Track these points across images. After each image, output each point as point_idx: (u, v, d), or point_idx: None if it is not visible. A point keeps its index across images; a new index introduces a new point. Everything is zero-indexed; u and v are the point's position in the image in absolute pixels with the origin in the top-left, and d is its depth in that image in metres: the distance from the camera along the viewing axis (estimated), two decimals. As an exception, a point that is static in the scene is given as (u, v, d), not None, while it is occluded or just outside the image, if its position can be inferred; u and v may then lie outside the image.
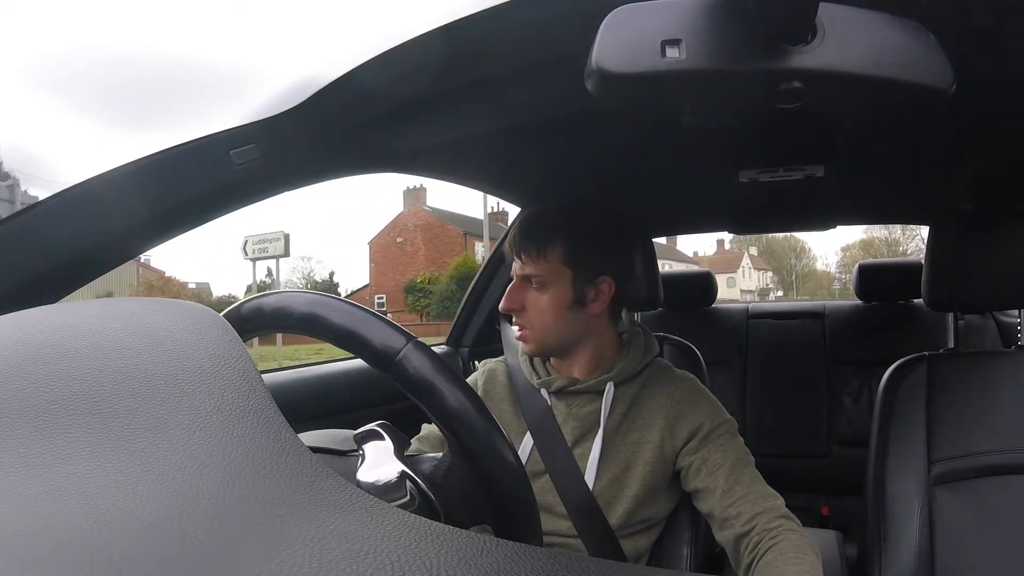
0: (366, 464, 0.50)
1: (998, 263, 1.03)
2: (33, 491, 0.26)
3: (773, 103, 0.43)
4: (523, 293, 0.96)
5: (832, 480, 2.03)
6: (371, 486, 0.49)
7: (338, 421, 0.69)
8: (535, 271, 0.95)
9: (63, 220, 0.66)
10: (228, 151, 0.70)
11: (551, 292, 0.95)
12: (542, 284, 0.95)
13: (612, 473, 0.94)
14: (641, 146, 1.12)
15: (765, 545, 0.82)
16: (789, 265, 27.68)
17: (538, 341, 0.97)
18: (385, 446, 0.52)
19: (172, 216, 0.72)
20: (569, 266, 0.95)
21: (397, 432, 0.53)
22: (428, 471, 0.51)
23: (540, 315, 0.95)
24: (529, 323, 0.96)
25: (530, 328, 0.96)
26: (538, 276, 0.95)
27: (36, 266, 0.65)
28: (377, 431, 0.53)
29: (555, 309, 0.95)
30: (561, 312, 0.95)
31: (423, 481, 0.50)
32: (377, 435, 0.52)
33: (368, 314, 0.50)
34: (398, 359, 0.48)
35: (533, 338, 0.97)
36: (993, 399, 1.01)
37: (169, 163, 0.69)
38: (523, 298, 0.96)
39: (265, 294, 0.54)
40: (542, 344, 0.97)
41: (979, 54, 0.62)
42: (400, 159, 1.02)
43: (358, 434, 0.53)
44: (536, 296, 0.95)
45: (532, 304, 0.95)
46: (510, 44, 0.65)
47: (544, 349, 0.99)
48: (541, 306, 0.95)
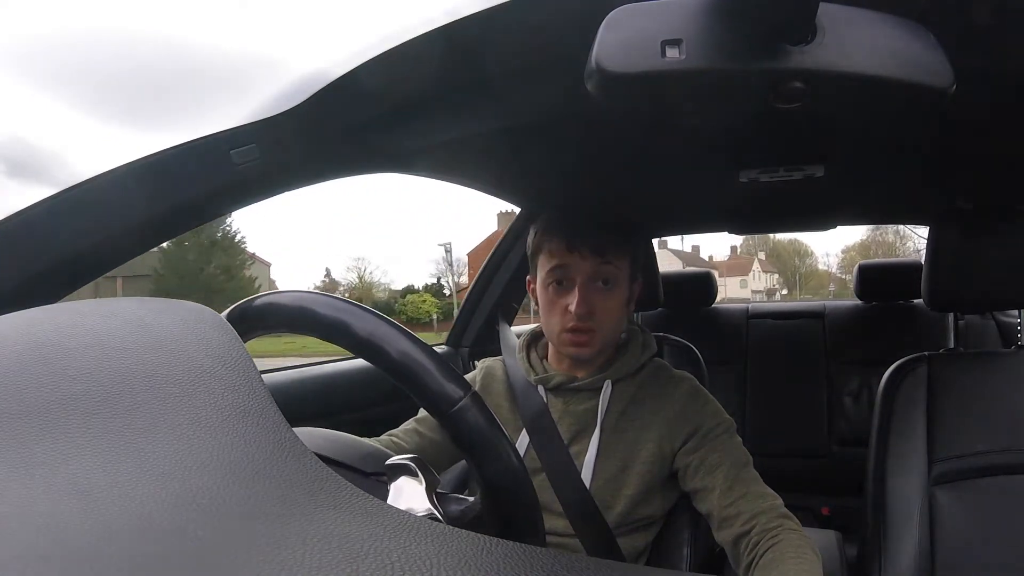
0: (395, 498, 0.49)
1: (998, 263, 1.03)
2: (33, 491, 0.26)
3: (773, 103, 0.43)
4: (592, 295, 0.92)
5: (832, 480, 2.03)
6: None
7: (339, 421, 0.69)
8: (611, 270, 0.93)
9: (63, 220, 0.66)
10: (228, 151, 0.70)
11: (619, 291, 0.95)
12: (614, 283, 0.94)
13: (609, 471, 0.93)
14: (641, 146, 1.12)
15: (764, 545, 0.82)
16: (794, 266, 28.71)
17: (602, 343, 0.94)
18: (416, 484, 0.50)
19: (172, 215, 0.72)
20: (631, 265, 0.96)
21: (430, 470, 0.52)
22: (456, 514, 0.50)
23: (610, 316, 0.93)
24: (597, 326, 0.93)
25: (598, 331, 0.93)
26: (613, 274, 0.93)
27: (36, 266, 0.65)
28: (410, 466, 0.51)
29: (621, 308, 0.95)
30: (622, 312, 0.96)
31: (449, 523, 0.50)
32: (410, 470, 0.51)
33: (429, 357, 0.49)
34: (455, 410, 0.48)
35: (598, 341, 0.94)
36: (993, 399, 1.01)
37: (169, 163, 0.69)
38: (593, 299, 0.92)
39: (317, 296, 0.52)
40: (603, 346, 0.95)
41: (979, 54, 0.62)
42: (400, 159, 1.02)
43: (390, 464, 0.51)
44: (606, 296, 0.93)
45: (601, 305, 0.93)
46: (510, 44, 0.65)
47: (602, 352, 0.96)
48: (612, 306, 0.94)
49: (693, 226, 2.21)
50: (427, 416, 0.99)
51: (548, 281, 0.95)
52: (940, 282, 1.09)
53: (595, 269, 0.92)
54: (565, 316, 0.92)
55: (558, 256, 0.93)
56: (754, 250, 29.27)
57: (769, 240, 27.69)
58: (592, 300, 0.92)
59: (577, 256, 0.92)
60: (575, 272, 0.92)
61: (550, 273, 0.95)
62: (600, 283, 0.93)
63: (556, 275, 0.94)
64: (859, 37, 0.41)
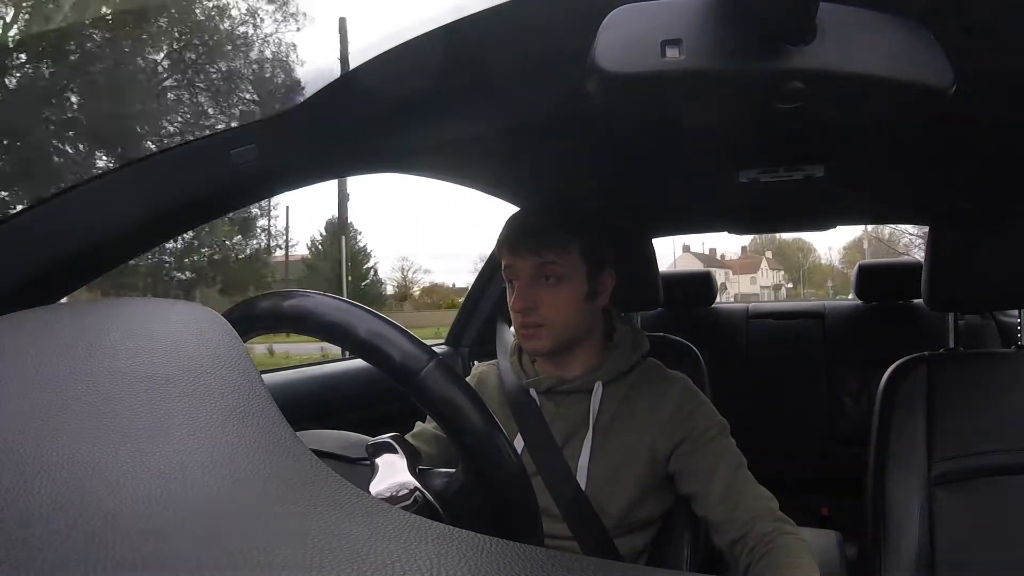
0: (378, 477, 0.50)
1: (998, 263, 1.03)
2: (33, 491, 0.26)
3: (773, 103, 0.43)
4: (535, 290, 0.94)
5: (832, 480, 2.03)
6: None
7: (338, 421, 0.69)
8: (554, 266, 0.94)
9: (63, 220, 0.66)
10: (228, 151, 0.70)
11: (569, 286, 0.95)
12: (560, 278, 0.94)
13: (603, 474, 0.93)
14: (641, 146, 1.12)
15: (760, 551, 0.82)
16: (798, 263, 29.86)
17: (553, 337, 0.95)
18: (398, 460, 0.51)
19: (172, 216, 0.72)
20: (585, 259, 0.95)
21: (410, 446, 0.53)
22: (439, 487, 0.51)
23: (557, 311, 0.94)
24: (544, 319, 0.94)
25: (546, 325, 0.95)
26: (556, 270, 0.94)
27: (36, 266, 0.65)
28: (390, 444, 0.52)
29: (573, 303, 0.95)
30: (577, 305, 0.96)
31: (433, 497, 0.50)
32: (390, 448, 0.52)
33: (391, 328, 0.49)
34: (419, 377, 0.48)
35: (548, 335, 0.95)
36: (993, 399, 1.01)
37: (169, 163, 0.69)
38: (536, 295, 0.94)
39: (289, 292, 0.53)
40: (557, 340, 0.96)
41: (979, 54, 0.62)
42: (400, 159, 1.02)
43: (371, 445, 0.52)
44: (551, 292, 0.94)
45: (546, 300, 0.94)
46: (510, 44, 0.65)
47: (558, 345, 0.97)
48: (558, 301, 0.94)
49: (693, 226, 2.21)
50: (421, 431, 1.00)
51: (506, 281, 0.99)
52: (940, 282, 1.09)
53: (536, 267, 0.94)
54: (515, 312, 0.96)
55: (505, 258, 0.98)
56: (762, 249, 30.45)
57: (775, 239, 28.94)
58: (534, 296, 0.94)
59: (519, 257, 0.95)
60: (518, 271, 0.96)
61: (503, 273, 0.99)
62: (543, 279, 0.95)
63: (508, 275, 0.98)
64: (859, 37, 0.41)
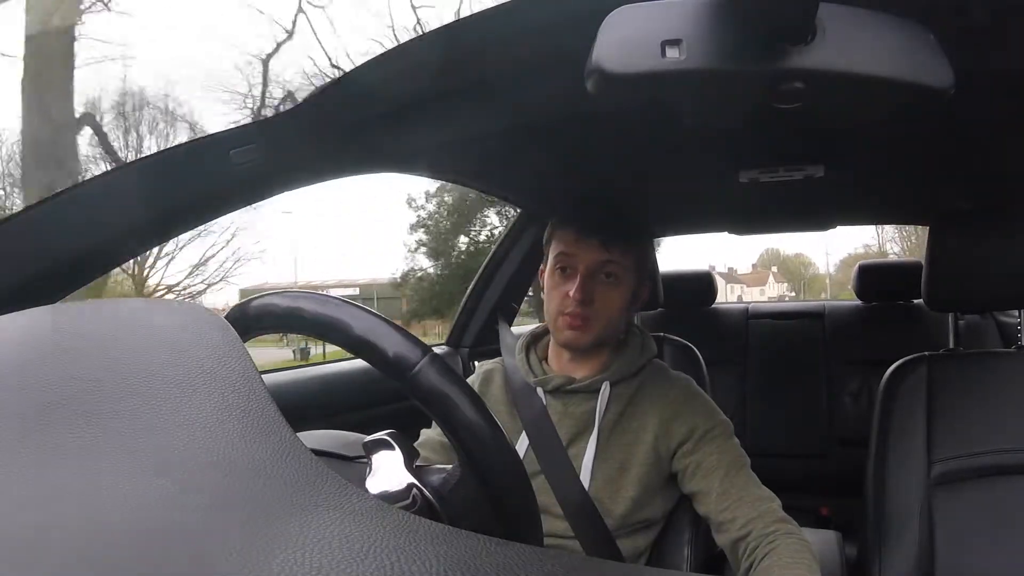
0: (375, 474, 0.50)
1: (998, 263, 1.03)
2: (33, 491, 0.26)
3: (773, 103, 0.43)
4: (593, 284, 0.94)
5: (832, 480, 2.02)
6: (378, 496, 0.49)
7: (339, 422, 0.69)
8: (616, 265, 0.94)
9: (63, 220, 0.66)
10: (228, 151, 0.70)
11: (623, 287, 0.96)
12: (617, 278, 0.95)
13: (607, 473, 0.93)
14: (641, 146, 1.12)
15: (762, 551, 0.82)
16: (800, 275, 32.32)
17: (597, 334, 0.95)
18: (394, 456, 0.51)
19: (172, 216, 0.72)
20: (639, 265, 0.97)
21: (407, 442, 0.53)
22: (437, 483, 0.51)
23: (609, 309, 0.95)
24: (594, 315, 0.94)
25: (594, 319, 0.94)
26: (616, 269, 0.94)
27: (36, 266, 0.65)
28: (387, 440, 0.52)
29: (623, 304, 0.96)
30: (624, 308, 0.97)
31: (431, 493, 0.50)
32: (387, 444, 0.52)
33: (385, 325, 0.49)
34: (413, 373, 0.48)
35: (594, 330, 0.95)
36: (993, 399, 1.01)
37: (169, 163, 0.69)
38: (594, 289, 0.94)
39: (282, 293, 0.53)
40: (598, 337, 0.96)
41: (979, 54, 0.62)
42: (400, 159, 1.02)
43: (367, 442, 0.52)
44: (608, 289, 0.95)
45: (602, 296, 0.94)
46: (510, 44, 0.65)
47: (597, 342, 0.97)
48: (612, 300, 0.95)
49: (693, 226, 2.21)
50: (427, 440, 0.99)
51: (555, 267, 0.98)
52: (940, 282, 1.09)
53: (599, 261, 0.94)
54: (564, 300, 0.95)
55: (565, 244, 0.96)
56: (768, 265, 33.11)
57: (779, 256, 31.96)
58: (592, 289, 0.94)
59: (584, 246, 0.95)
60: (580, 261, 0.95)
61: (556, 259, 0.97)
62: (603, 275, 0.95)
63: (562, 262, 0.97)
64: (859, 37, 0.41)
